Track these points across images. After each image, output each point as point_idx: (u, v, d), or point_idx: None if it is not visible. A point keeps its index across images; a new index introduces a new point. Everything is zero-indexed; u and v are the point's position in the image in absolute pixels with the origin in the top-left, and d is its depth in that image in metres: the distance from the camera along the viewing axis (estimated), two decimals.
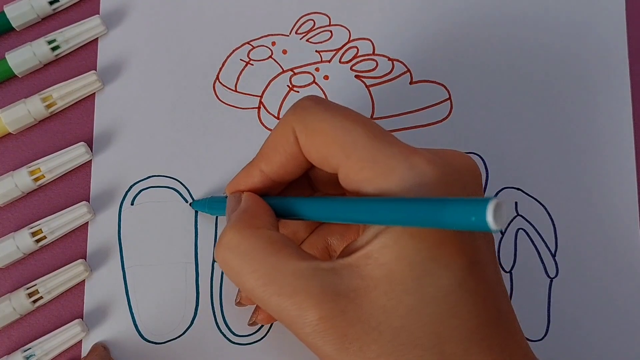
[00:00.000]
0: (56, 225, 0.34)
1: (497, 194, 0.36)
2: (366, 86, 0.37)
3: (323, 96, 0.37)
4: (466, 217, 0.19)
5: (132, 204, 0.35)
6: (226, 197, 0.30)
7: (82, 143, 0.35)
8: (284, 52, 0.37)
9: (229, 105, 0.37)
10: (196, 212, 0.35)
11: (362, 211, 0.23)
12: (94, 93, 0.36)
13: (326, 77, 0.37)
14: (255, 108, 0.37)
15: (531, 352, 0.26)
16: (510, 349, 0.25)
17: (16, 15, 0.36)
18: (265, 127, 0.36)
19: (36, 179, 0.34)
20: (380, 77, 0.37)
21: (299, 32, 0.38)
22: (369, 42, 0.37)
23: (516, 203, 0.36)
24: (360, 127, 0.25)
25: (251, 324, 0.33)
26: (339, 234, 0.31)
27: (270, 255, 0.24)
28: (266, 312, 0.28)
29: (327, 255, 0.30)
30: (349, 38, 0.37)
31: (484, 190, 0.36)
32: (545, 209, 0.36)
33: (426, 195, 0.23)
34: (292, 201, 0.27)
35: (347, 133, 0.25)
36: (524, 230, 0.36)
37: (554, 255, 0.36)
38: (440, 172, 0.24)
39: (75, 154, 0.35)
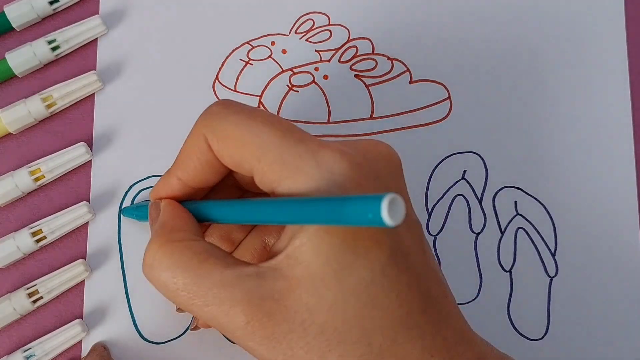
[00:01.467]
0: (56, 225, 0.34)
1: (496, 193, 0.36)
2: (366, 85, 0.37)
3: (323, 96, 0.37)
4: (363, 215, 0.19)
5: (132, 204, 0.35)
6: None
7: (82, 143, 0.35)
8: (284, 51, 0.37)
9: None
10: None
11: (272, 213, 0.24)
12: (94, 93, 0.37)
13: (326, 77, 0.37)
14: None
15: (469, 332, 0.26)
16: (444, 333, 0.25)
17: (16, 15, 0.36)
18: None
19: (36, 179, 0.35)
20: (380, 76, 0.37)
21: (298, 31, 0.38)
22: (369, 41, 0.37)
23: (516, 202, 0.36)
24: (268, 128, 0.25)
25: (193, 329, 0.34)
26: (276, 232, 0.31)
27: (194, 268, 0.25)
28: None
29: (266, 255, 0.30)
30: (349, 37, 0.37)
31: (483, 189, 0.36)
32: (545, 208, 0.36)
33: (334, 191, 0.23)
34: (208, 205, 0.27)
35: (256, 135, 0.25)
36: (524, 230, 0.36)
37: (553, 255, 0.36)
38: (349, 166, 0.24)
39: (75, 154, 0.35)
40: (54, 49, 0.36)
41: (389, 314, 0.24)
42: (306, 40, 0.37)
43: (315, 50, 0.37)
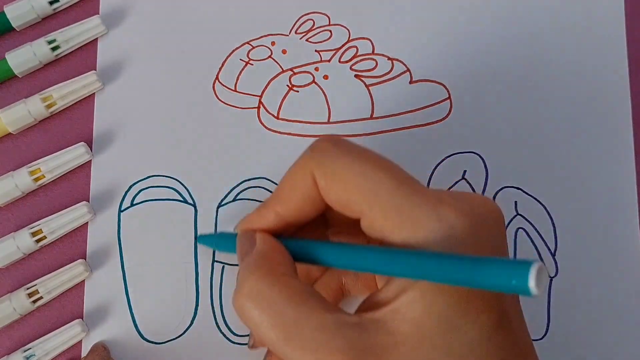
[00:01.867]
0: (56, 225, 0.34)
1: (497, 193, 0.36)
2: (366, 85, 0.37)
3: (323, 96, 0.37)
4: (507, 281, 0.18)
5: (132, 203, 0.35)
6: (236, 234, 0.29)
7: (82, 143, 0.35)
8: (284, 51, 0.37)
9: (229, 105, 0.37)
10: (196, 211, 0.35)
11: (391, 263, 0.23)
12: (94, 93, 0.37)
13: (326, 77, 0.37)
14: (255, 108, 0.37)
15: None
16: None
17: (16, 15, 0.36)
18: (265, 127, 0.36)
19: (36, 179, 0.35)
20: (380, 76, 0.37)
21: (298, 31, 0.38)
22: (369, 41, 0.37)
23: (516, 202, 0.36)
24: (382, 174, 0.24)
25: (252, 348, 0.33)
26: (354, 273, 0.30)
27: (294, 307, 0.23)
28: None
29: (341, 295, 0.30)
30: (349, 37, 0.37)
31: (483, 190, 0.36)
32: (545, 208, 0.36)
33: (455, 249, 0.22)
34: (312, 245, 0.26)
35: (369, 180, 0.24)
36: (524, 230, 0.36)
37: (553, 255, 0.36)
38: (469, 224, 0.23)
39: (75, 154, 0.35)
40: (54, 49, 0.36)
41: None
42: (306, 40, 0.37)
43: (315, 50, 0.37)
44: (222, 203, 0.36)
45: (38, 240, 0.34)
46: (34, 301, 0.34)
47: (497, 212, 0.25)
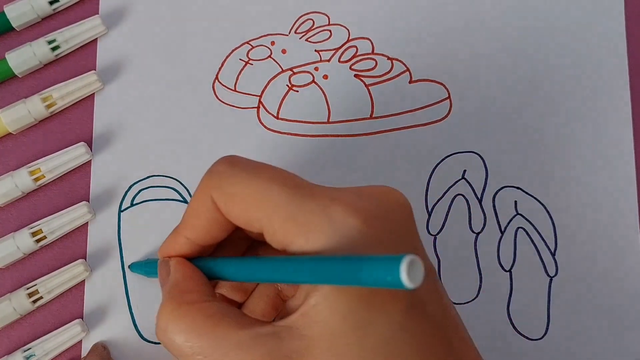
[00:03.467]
0: (56, 225, 0.34)
1: (496, 193, 0.36)
2: (365, 85, 0.37)
3: (322, 96, 0.37)
4: (381, 277, 0.19)
5: (131, 203, 0.35)
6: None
7: (82, 143, 0.35)
8: (283, 51, 0.37)
9: (229, 104, 0.37)
10: None
11: (285, 272, 0.23)
12: (94, 93, 0.37)
13: (325, 77, 0.37)
14: (255, 108, 0.37)
15: None
16: None
17: (16, 15, 0.36)
18: (265, 127, 0.36)
19: (36, 179, 0.35)
20: (380, 76, 0.37)
21: (298, 31, 0.38)
22: (368, 41, 0.37)
23: (516, 202, 0.36)
24: (276, 185, 0.24)
25: None
26: None
27: (209, 331, 0.24)
28: None
29: (280, 300, 0.30)
30: (348, 37, 0.37)
31: (483, 189, 0.36)
32: (545, 208, 0.36)
33: (349, 248, 0.23)
34: (219, 264, 0.27)
35: (265, 194, 0.24)
36: (524, 229, 0.36)
37: (553, 254, 0.36)
38: (362, 221, 0.23)
39: (75, 154, 0.35)
40: (54, 49, 0.36)
41: None
42: (306, 40, 0.37)
43: (315, 50, 0.37)
44: None
45: (38, 240, 0.34)
46: (34, 301, 0.34)
47: (402, 204, 0.25)
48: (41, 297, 0.34)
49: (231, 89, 0.37)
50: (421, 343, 0.23)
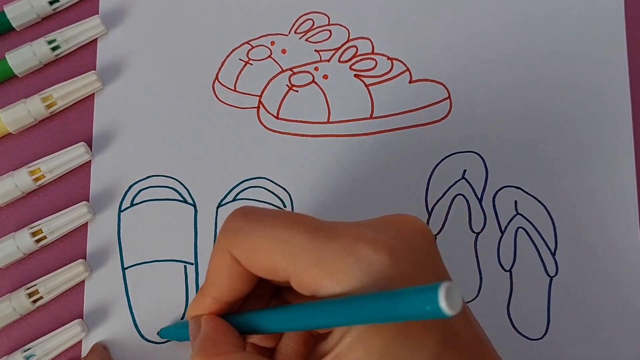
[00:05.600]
0: (56, 225, 0.34)
1: (496, 193, 0.36)
2: (365, 85, 0.37)
3: (322, 96, 0.37)
4: (421, 308, 0.19)
5: (131, 203, 0.35)
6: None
7: (82, 143, 0.35)
8: (283, 51, 0.37)
9: (229, 104, 0.37)
10: (196, 211, 0.35)
11: (319, 318, 0.23)
12: (94, 93, 0.37)
13: (325, 77, 0.37)
14: (255, 107, 0.37)
15: None
16: None
17: (16, 15, 0.36)
18: (265, 127, 0.36)
19: (36, 179, 0.35)
20: (380, 76, 0.37)
21: (298, 31, 0.38)
22: (368, 41, 0.37)
23: (516, 202, 0.36)
24: (295, 232, 0.24)
25: None
26: None
27: None
28: None
29: (312, 338, 0.30)
30: (348, 37, 0.37)
31: (483, 189, 0.36)
32: (545, 207, 0.36)
33: (378, 284, 0.22)
34: (250, 317, 0.27)
35: (285, 243, 0.24)
36: (524, 229, 0.36)
37: (553, 254, 0.36)
38: (388, 255, 0.23)
39: (75, 154, 0.35)
40: (54, 49, 0.36)
41: None
42: (306, 40, 0.37)
43: (315, 50, 0.37)
44: (222, 203, 0.36)
45: (38, 240, 0.34)
46: (34, 301, 0.34)
47: (423, 231, 0.25)
48: (41, 297, 0.34)
49: (231, 89, 0.37)
50: None
